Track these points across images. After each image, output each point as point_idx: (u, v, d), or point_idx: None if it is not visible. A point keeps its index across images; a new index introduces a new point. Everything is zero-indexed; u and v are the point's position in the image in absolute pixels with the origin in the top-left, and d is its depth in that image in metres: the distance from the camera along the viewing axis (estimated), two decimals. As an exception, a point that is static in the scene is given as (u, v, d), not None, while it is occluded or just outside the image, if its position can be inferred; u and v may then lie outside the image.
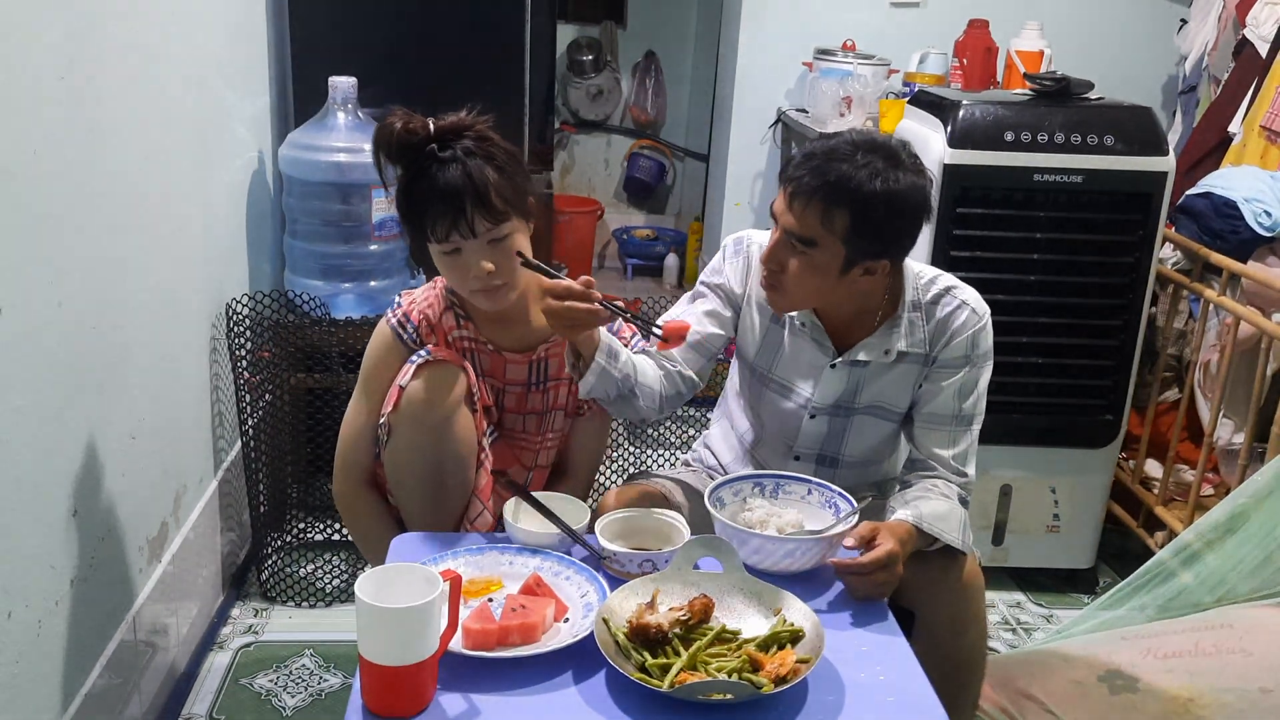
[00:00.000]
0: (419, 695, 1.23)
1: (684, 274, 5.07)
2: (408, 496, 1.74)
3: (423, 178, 1.64)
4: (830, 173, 1.58)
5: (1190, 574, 2.09)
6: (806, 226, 1.61)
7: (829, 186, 1.58)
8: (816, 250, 1.62)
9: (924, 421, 1.78)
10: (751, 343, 1.84)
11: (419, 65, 2.91)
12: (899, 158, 1.61)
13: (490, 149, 1.66)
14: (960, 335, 1.74)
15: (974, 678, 1.75)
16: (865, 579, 1.50)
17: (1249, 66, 3.06)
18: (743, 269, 1.82)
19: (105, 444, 1.81)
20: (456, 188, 1.62)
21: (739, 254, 1.83)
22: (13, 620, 1.50)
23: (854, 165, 1.58)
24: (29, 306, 1.52)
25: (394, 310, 1.79)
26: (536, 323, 1.79)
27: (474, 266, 1.65)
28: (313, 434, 2.59)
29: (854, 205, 1.58)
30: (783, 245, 1.65)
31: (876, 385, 1.78)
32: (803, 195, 1.60)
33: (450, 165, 1.63)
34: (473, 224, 1.63)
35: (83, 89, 1.69)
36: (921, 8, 3.83)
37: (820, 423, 1.81)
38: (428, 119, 1.66)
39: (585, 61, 5.20)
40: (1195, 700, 1.89)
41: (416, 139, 1.64)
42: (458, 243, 1.65)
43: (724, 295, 1.83)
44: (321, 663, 2.30)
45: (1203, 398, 2.67)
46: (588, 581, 1.46)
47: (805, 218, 1.60)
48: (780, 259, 1.66)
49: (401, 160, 1.67)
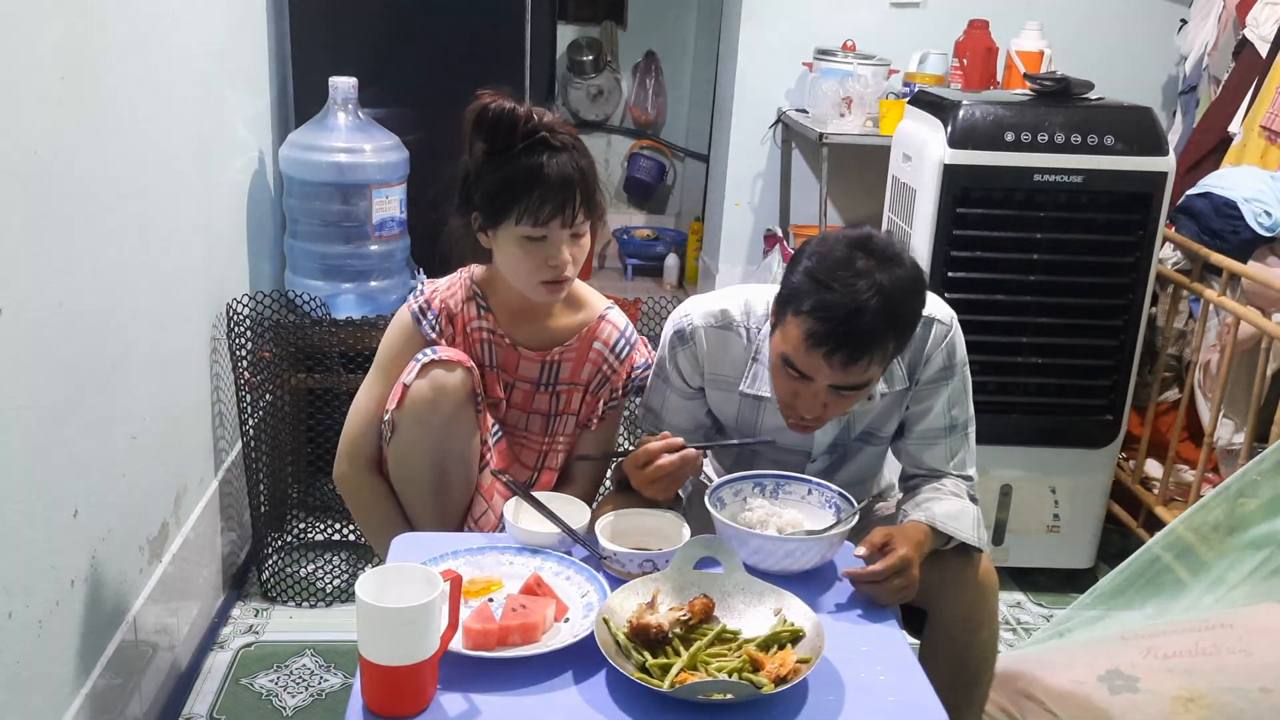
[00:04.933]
0: (419, 695, 1.23)
1: (684, 274, 5.07)
2: (411, 493, 1.75)
3: (529, 160, 1.66)
4: (873, 321, 1.47)
5: (1190, 574, 2.09)
6: (870, 374, 1.54)
7: (884, 335, 1.49)
8: (870, 386, 1.58)
9: (919, 440, 1.76)
10: (728, 416, 1.79)
11: (419, 65, 2.91)
12: (879, 247, 1.52)
13: (587, 152, 1.71)
14: (936, 351, 1.70)
15: (985, 676, 1.75)
16: (881, 587, 1.48)
17: (1249, 66, 3.06)
18: (691, 360, 1.74)
19: (105, 444, 1.81)
20: (569, 176, 1.66)
21: (685, 344, 1.74)
22: (13, 620, 1.50)
23: (876, 295, 1.47)
24: (29, 306, 1.52)
25: (416, 296, 1.80)
26: (556, 324, 1.82)
27: (554, 256, 1.68)
28: (313, 434, 2.59)
29: (901, 330, 1.53)
30: (823, 393, 1.56)
31: (865, 420, 1.77)
32: (863, 356, 1.49)
33: (562, 153, 1.67)
34: (575, 213, 1.66)
35: (83, 89, 1.69)
36: (921, 8, 3.83)
37: (821, 461, 1.80)
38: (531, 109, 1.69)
39: (585, 62, 5.20)
40: (1195, 700, 1.89)
41: (531, 123, 1.66)
42: (553, 230, 1.67)
43: (687, 390, 1.77)
44: (322, 663, 2.30)
45: (1203, 398, 2.67)
46: (588, 581, 1.46)
47: (869, 371, 1.53)
48: (823, 403, 1.57)
49: (503, 140, 1.67)
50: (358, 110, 2.64)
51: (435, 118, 1.69)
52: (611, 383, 1.84)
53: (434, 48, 2.91)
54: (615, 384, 1.85)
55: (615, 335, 1.84)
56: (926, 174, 2.49)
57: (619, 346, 1.84)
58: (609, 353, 1.83)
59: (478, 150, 1.69)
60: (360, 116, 2.65)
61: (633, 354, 1.85)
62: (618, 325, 1.85)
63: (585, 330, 1.83)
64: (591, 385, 1.84)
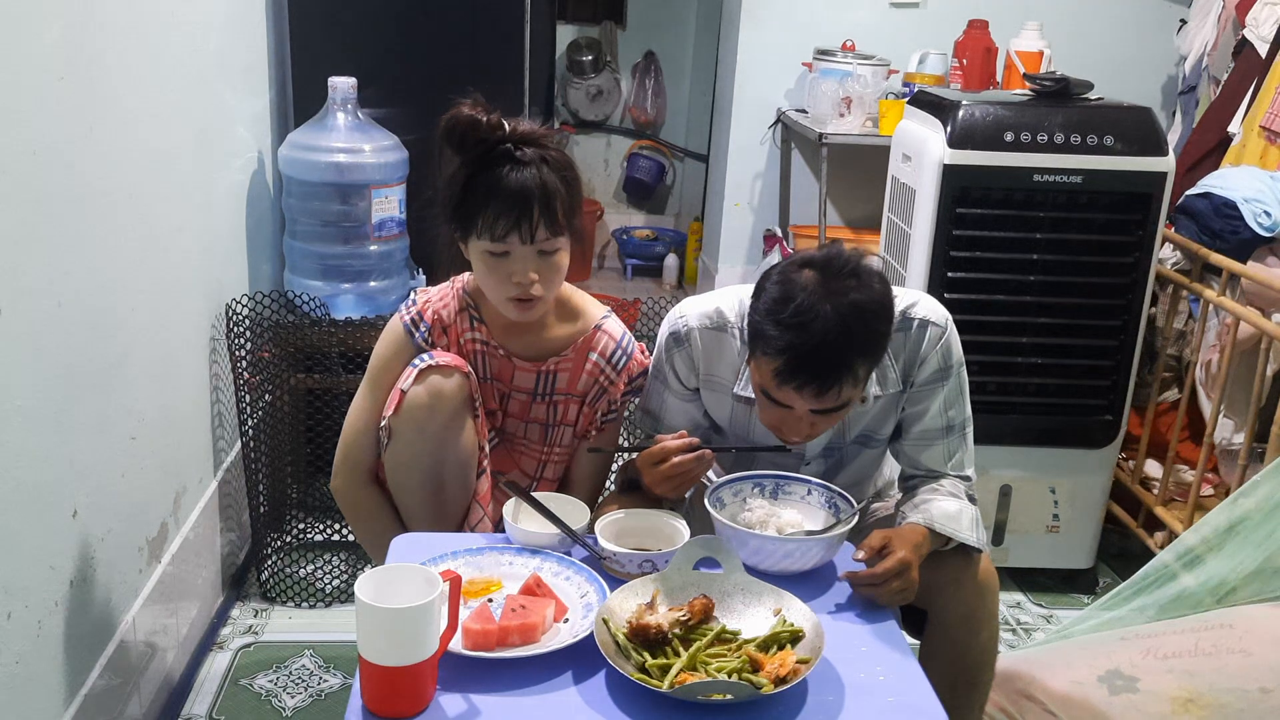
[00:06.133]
0: (419, 695, 1.23)
1: (683, 274, 5.07)
2: (408, 499, 1.74)
3: (490, 173, 1.63)
4: (839, 349, 1.49)
5: (1191, 575, 2.09)
6: (847, 395, 1.55)
7: (854, 359, 1.51)
8: (852, 404, 1.60)
9: (916, 441, 1.76)
10: (722, 418, 1.80)
11: (419, 65, 2.91)
12: (840, 269, 1.52)
13: (562, 163, 1.66)
14: (931, 353, 1.71)
15: (985, 676, 1.75)
16: (880, 589, 1.49)
17: (1249, 67, 3.06)
18: (687, 362, 1.75)
19: (105, 444, 1.81)
20: (527, 190, 1.61)
21: (681, 345, 1.74)
22: (13, 620, 1.50)
23: (840, 323, 1.48)
24: (29, 306, 1.52)
25: (408, 307, 1.77)
26: (551, 334, 1.79)
27: (519, 273, 1.64)
28: (313, 434, 2.59)
29: (872, 351, 1.55)
30: (806, 418, 1.58)
31: (860, 423, 1.77)
32: (834, 385, 1.51)
33: (525, 167, 1.62)
34: (535, 229, 1.62)
35: (83, 89, 1.69)
36: (921, 8, 3.84)
37: (816, 464, 1.80)
38: (503, 119, 1.65)
39: (585, 62, 5.20)
40: (1195, 700, 1.89)
41: (495, 134, 1.63)
42: (512, 245, 1.63)
43: (683, 391, 1.78)
44: (321, 663, 2.30)
45: (1205, 397, 2.67)
46: (588, 582, 1.46)
47: (844, 392, 1.54)
48: (809, 425, 1.60)
49: (469, 151, 1.64)
50: (357, 110, 2.64)
51: (435, 118, 1.68)
52: (609, 394, 1.82)
53: (434, 48, 2.91)
54: (613, 395, 1.83)
55: (612, 346, 1.81)
56: (926, 174, 2.49)
57: (616, 357, 1.81)
58: (606, 364, 1.81)
59: (449, 160, 1.66)
60: (360, 116, 2.65)
61: (630, 364, 1.82)
62: (614, 335, 1.82)
63: (581, 340, 1.80)
64: (588, 397, 1.82)
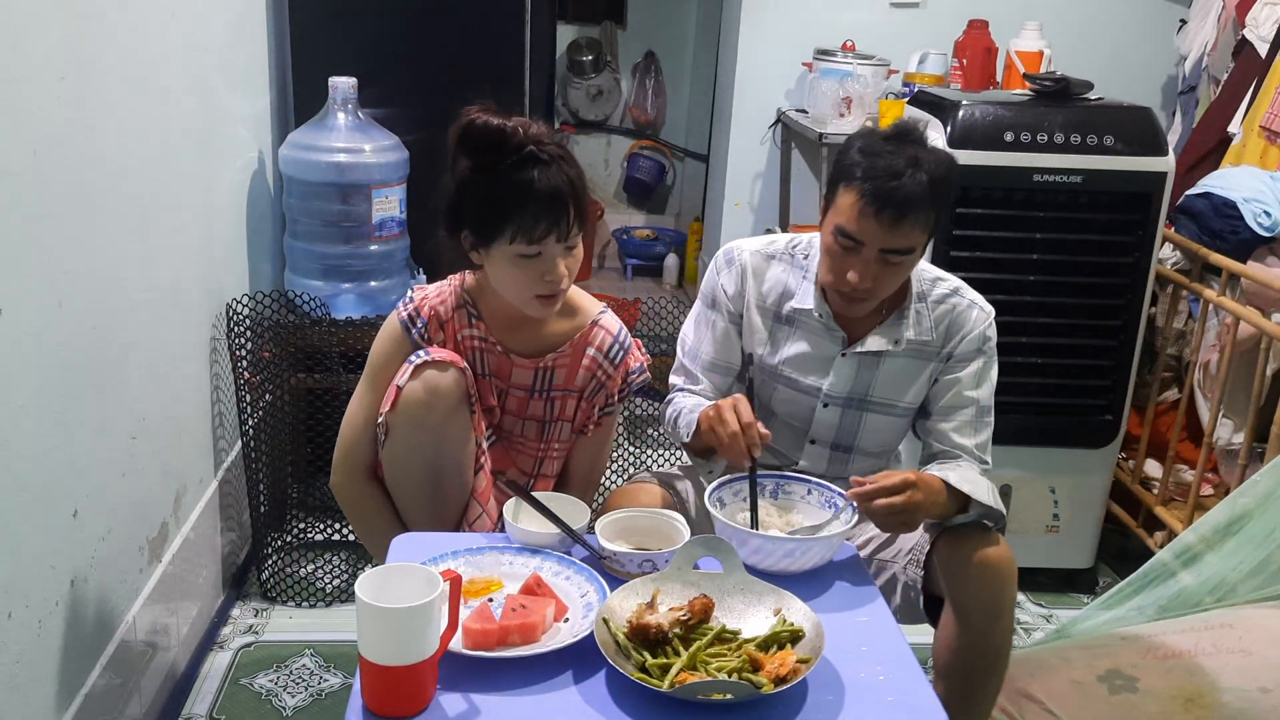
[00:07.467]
0: (419, 695, 1.23)
1: (684, 274, 5.07)
2: (406, 496, 1.74)
3: (517, 177, 1.62)
4: (915, 184, 1.64)
5: (1190, 575, 2.09)
6: (913, 239, 1.67)
7: (926, 198, 1.64)
8: (914, 254, 1.70)
9: (943, 414, 1.82)
10: (758, 343, 1.87)
11: (419, 65, 2.91)
12: (916, 134, 1.70)
13: (575, 162, 1.68)
14: (974, 330, 1.82)
15: (1001, 665, 1.74)
16: (883, 505, 1.56)
17: (1248, 67, 3.06)
18: (738, 279, 1.87)
19: (105, 444, 1.81)
20: (561, 191, 1.62)
21: (731, 265, 1.87)
22: (13, 620, 1.50)
23: (918, 165, 1.64)
24: (29, 306, 1.52)
25: (405, 303, 1.78)
26: (549, 331, 1.80)
27: (550, 271, 1.65)
28: (313, 434, 2.59)
29: (939, 201, 1.67)
30: (874, 262, 1.68)
31: (887, 377, 1.82)
32: (909, 214, 1.64)
33: (553, 167, 1.63)
34: (570, 228, 1.64)
35: (83, 89, 1.69)
36: (921, 8, 3.83)
37: (833, 413, 1.85)
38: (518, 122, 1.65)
39: (585, 62, 5.20)
40: (1195, 700, 1.89)
41: (516, 137, 1.63)
42: (548, 245, 1.64)
43: (727, 312, 1.87)
44: (322, 663, 2.30)
45: (1203, 398, 2.67)
46: (588, 581, 1.46)
47: (912, 234, 1.66)
48: (873, 274, 1.69)
49: (489, 156, 1.63)
50: (357, 110, 2.65)
51: (435, 118, 1.68)
52: (607, 389, 1.83)
53: (434, 48, 2.91)
54: (610, 389, 1.83)
55: (609, 341, 1.82)
56: (926, 174, 2.49)
57: (613, 352, 1.82)
58: (603, 358, 1.81)
59: (463, 167, 1.65)
60: (360, 117, 2.65)
61: (627, 359, 1.83)
62: (611, 330, 1.82)
63: (578, 336, 1.81)
64: (586, 391, 1.83)
